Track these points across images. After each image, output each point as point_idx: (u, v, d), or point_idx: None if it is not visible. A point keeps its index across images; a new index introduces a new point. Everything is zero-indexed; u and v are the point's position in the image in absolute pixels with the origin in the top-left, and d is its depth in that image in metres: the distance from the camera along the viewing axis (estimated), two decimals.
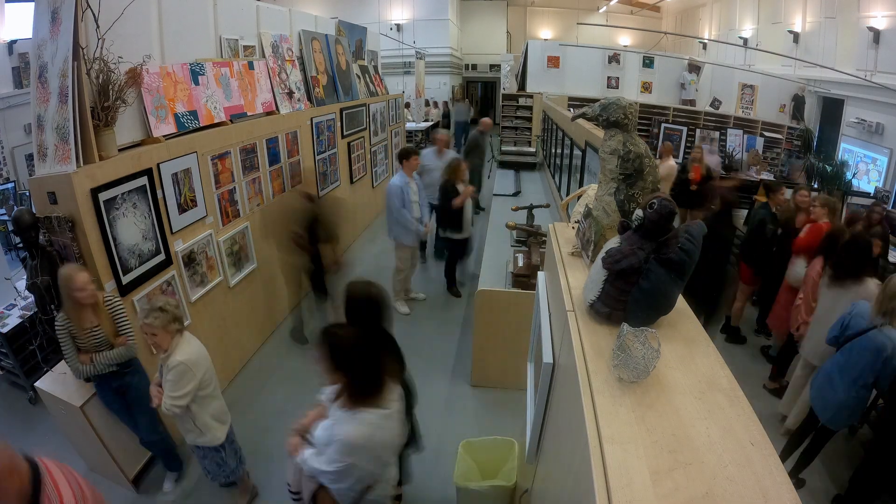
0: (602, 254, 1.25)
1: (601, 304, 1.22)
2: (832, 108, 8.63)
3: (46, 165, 2.69)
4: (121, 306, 2.65)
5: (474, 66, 18.61)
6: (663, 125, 9.47)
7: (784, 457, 3.13)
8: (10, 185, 5.59)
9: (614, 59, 10.72)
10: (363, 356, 1.86)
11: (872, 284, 3.08)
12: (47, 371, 2.93)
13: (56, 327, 2.48)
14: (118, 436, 2.89)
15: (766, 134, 9.42)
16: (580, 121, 1.85)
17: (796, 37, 9.33)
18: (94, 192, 2.61)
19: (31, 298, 2.71)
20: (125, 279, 2.84)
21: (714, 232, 2.49)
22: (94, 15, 2.61)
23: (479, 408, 3.80)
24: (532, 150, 11.13)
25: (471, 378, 4.03)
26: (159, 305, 2.35)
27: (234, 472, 2.80)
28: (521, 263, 4.18)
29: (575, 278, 1.47)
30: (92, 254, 2.62)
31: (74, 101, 2.54)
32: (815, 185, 6.92)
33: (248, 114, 4.22)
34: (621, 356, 1.03)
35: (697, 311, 1.32)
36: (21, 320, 3.68)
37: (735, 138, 9.31)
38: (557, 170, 6.97)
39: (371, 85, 7.73)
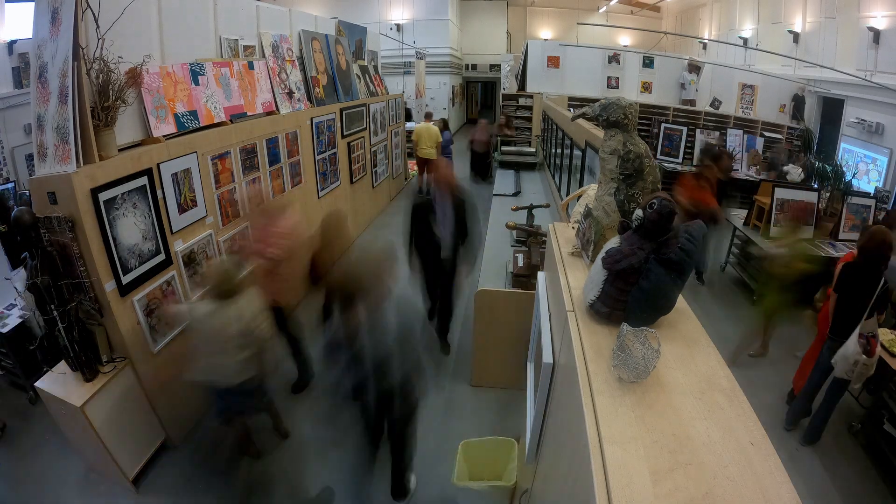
0: (602, 254, 1.25)
1: (601, 304, 1.22)
2: (832, 108, 8.62)
3: (46, 165, 2.69)
4: None
5: (474, 66, 18.60)
6: (663, 125, 9.47)
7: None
8: (10, 185, 5.58)
9: (614, 59, 10.72)
10: None
11: None
12: (47, 371, 2.93)
13: None
14: (118, 436, 2.89)
15: (766, 134, 9.41)
16: (580, 121, 1.86)
17: (796, 37, 9.33)
18: (94, 192, 2.61)
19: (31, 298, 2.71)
20: (125, 279, 2.84)
21: None
22: (94, 15, 2.60)
23: (479, 408, 3.79)
24: (532, 150, 11.13)
25: (471, 378, 4.02)
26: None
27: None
28: (521, 263, 4.18)
29: (575, 278, 1.47)
30: (92, 254, 2.62)
31: (74, 101, 2.54)
32: (816, 185, 6.91)
33: (248, 114, 4.22)
34: (621, 356, 1.03)
35: None
36: (21, 320, 3.68)
37: (735, 138, 9.30)
38: (557, 170, 6.97)
39: (371, 85, 7.73)
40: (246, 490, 2.98)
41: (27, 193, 5.04)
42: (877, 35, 6.98)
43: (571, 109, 8.38)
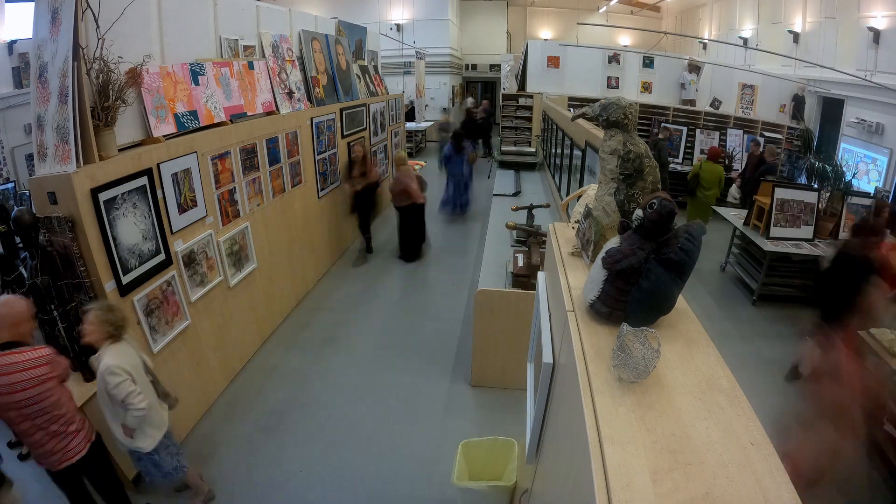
0: (602, 254, 1.25)
1: (601, 304, 1.22)
2: (832, 108, 8.63)
3: (46, 165, 2.69)
4: None
5: (474, 66, 18.60)
6: (663, 125, 9.47)
7: None
8: (10, 185, 5.58)
9: (614, 59, 10.72)
10: None
11: None
12: None
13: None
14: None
15: (767, 134, 9.42)
16: (580, 121, 1.86)
17: (796, 37, 9.33)
18: (94, 192, 2.61)
19: (31, 298, 2.71)
20: (125, 279, 2.84)
21: None
22: (94, 15, 2.61)
23: (479, 408, 3.80)
24: (532, 150, 11.13)
25: (471, 378, 4.03)
26: (108, 305, 2.47)
27: (172, 472, 2.72)
28: (521, 263, 4.18)
29: (575, 278, 1.47)
30: (92, 254, 2.63)
31: (74, 101, 2.54)
32: (815, 185, 6.92)
33: (248, 114, 4.22)
34: (621, 356, 1.02)
35: None
36: None
37: (735, 138, 9.31)
38: (557, 170, 6.97)
39: (371, 85, 7.73)
40: None
41: (27, 193, 5.04)
42: (877, 35, 6.98)
43: (571, 109, 8.38)
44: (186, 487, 2.97)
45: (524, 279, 3.95)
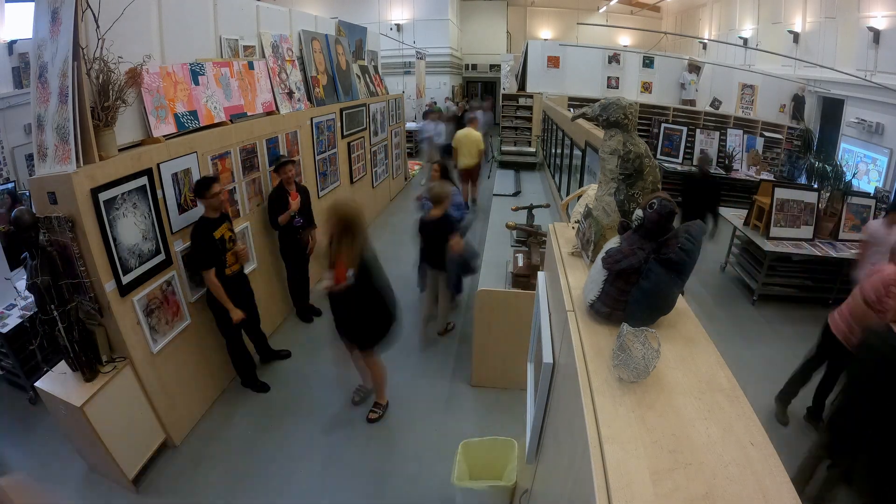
0: (602, 254, 1.25)
1: (601, 304, 1.22)
2: (832, 108, 8.63)
3: (46, 165, 2.69)
4: None
5: (474, 66, 18.62)
6: (663, 125, 9.47)
7: None
8: (10, 185, 5.58)
9: (614, 59, 10.72)
10: None
11: None
12: (47, 371, 2.93)
13: None
14: (118, 436, 2.89)
15: (766, 134, 9.42)
16: (580, 121, 1.85)
17: (796, 37, 9.34)
18: (94, 192, 2.61)
19: (31, 298, 2.71)
20: (125, 279, 2.84)
21: None
22: (94, 15, 2.60)
23: (479, 408, 3.79)
24: (532, 150, 11.13)
25: (471, 378, 4.03)
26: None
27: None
28: (521, 263, 4.18)
29: (575, 278, 1.47)
30: (92, 254, 2.63)
31: (74, 101, 2.54)
32: (815, 185, 6.92)
33: (248, 114, 4.22)
34: (621, 356, 1.03)
35: None
36: (21, 320, 3.68)
37: (735, 138, 9.31)
38: (557, 170, 6.97)
39: (371, 85, 7.73)
40: None
41: (27, 193, 5.04)
42: (877, 35, 6.98)
43: (571, 109, 8.38)
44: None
45: (524, 279, 3.95)
